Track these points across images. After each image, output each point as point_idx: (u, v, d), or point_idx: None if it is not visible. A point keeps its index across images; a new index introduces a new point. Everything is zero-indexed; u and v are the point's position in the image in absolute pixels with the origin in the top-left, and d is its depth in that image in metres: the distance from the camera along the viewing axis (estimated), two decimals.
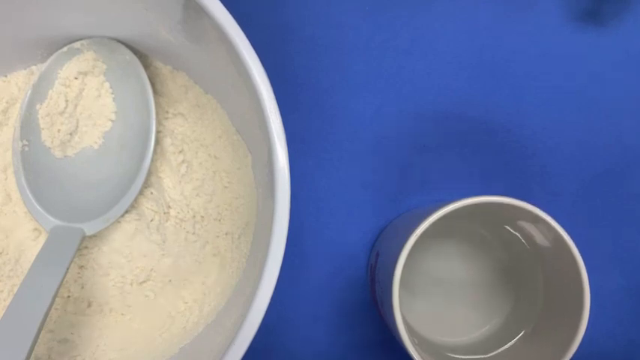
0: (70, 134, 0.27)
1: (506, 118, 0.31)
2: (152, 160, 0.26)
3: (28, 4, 0.24)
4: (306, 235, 0.30)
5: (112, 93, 0.27)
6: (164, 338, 0.26)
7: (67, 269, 0.24)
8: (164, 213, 0.27)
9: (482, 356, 0.27)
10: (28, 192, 0.26)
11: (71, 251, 0.24)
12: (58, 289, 0.23)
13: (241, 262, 0.25)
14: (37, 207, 0.26)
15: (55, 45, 0.26)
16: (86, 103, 0.27)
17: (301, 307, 0.30)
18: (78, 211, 0.26)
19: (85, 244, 0.27)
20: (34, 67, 0.27)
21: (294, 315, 0.30)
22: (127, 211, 0.26)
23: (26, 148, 0.26)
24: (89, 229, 0.26)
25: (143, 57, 0.27)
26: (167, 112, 0.28)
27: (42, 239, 0.27)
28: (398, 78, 0.31)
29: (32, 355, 0.22)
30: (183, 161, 0.27)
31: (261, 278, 0.19)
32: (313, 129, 0.31)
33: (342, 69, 0.31)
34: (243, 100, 0.22)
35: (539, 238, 0.26)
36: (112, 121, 0.27)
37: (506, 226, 0.28)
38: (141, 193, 0.27)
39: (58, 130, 0.26)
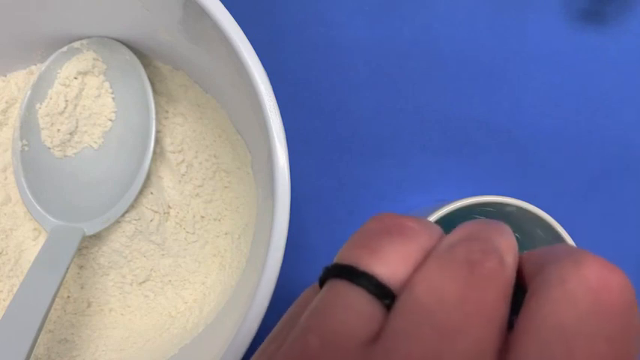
0: (70, 134, 0.27)
1: (506, 118, 0.31)
2: (152, 160, 0.26)
3: (28, 4, 0.24)
4: (307, 235, 0.30)
5: (112, 93, 0.27)
6: (164, 338, 0.26)
7: (67, 269, 0.24)
8: (164, 213, 0.27)
9: None
10: (27, 192, 0.26)
11: (71, 251, 0.24)
12: (58, 289, 0.23)
13: (241, 262, 0.25)
14: (37, 207, 0.26)
15: (54, 45, 0.26)
16: (86, 103, 0.27)
17: None
18: (78, 211, 0.26)
19: (84, 244, 0.27)
20: (33, 67, 0.27)
21: None
22: (126, 211, 0.26)
23: (26, 148, 0.26)
24: (89, 229, 0.26)
25: (143, 57, 0.27)
26: (167, 111, 0.28)
27: (42, 239, 0.27)
28: (398, 78, 0.31)
29: (32, 355, 0.22)
30: (182, 161, 0.27)
31: (261, 278, 0.19)
32: (313, 129, 0.31)
33: (342, 69, 0.31)
34: (243, 99, 0.22)
35: (540, 238, 0.26)
36: (111, 120, 0.27)
37: None
38: (141, 193, 0.27)
39: (58, 130, 0.26)
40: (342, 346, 0.11)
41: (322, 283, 0.12)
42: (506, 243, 0.12)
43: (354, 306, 0.11)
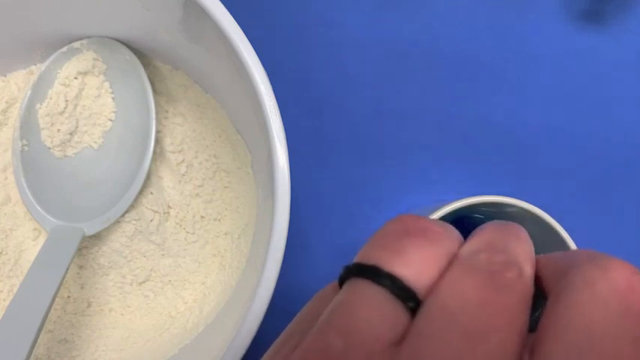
0: (70, 134, 0.27)
1: (506, 118, 0.31)
2: (152, 160, 0.26)
3: (28, 4, 0.24)
4: (306, 235, 0.30)
5: (112, 93, 0.27)
6: (164, 338, 0.26)
7: (67, 269, 0.24)
8: (164, 213, 0.27)
9: None
10: (27, 192, 0.26)
11: (71, 251, 0.24)
12: (58, 289, 0.23)
13: (241, 262, 0.25)
14: (37, 207, 0.26)
15: (54, 45, 0.26)
16: (86, 103, 0.27)
17: (301, 307, 0.30)
18: (78, 211, 0.26)
19: (84, 244, 0.27)
20: (33, 67, 0.27)
21: (294, 316, 0.30)
22: (126, 211, 0.26)
23: (26, 148, 0.26)
24: (89, 229, 0.26)
25: (143, 56, 0.27)
26: (167, 111, 0.28)
27: (42, 239, 0.27)
28: (398, 78, 0.31)
29: (32, 355, 0.22)
30: (182, 161, 0.27)
31: (261, 278, 0.19)
32: (313, 129, 0.31)
33: (341, 69, 0.31)
34: (243, 99, 0.22)
35: (540, 238, 0.26)
36: (111, 120, 0.27)
37: None
38: (140, 193, 0.27)
39: (58, 130, 0.26)
40: (367, 347, 0.11)
41: (342, 282, 0.12)
42: (523, 251, 0.12)
43: (377, 306, 0.11)
